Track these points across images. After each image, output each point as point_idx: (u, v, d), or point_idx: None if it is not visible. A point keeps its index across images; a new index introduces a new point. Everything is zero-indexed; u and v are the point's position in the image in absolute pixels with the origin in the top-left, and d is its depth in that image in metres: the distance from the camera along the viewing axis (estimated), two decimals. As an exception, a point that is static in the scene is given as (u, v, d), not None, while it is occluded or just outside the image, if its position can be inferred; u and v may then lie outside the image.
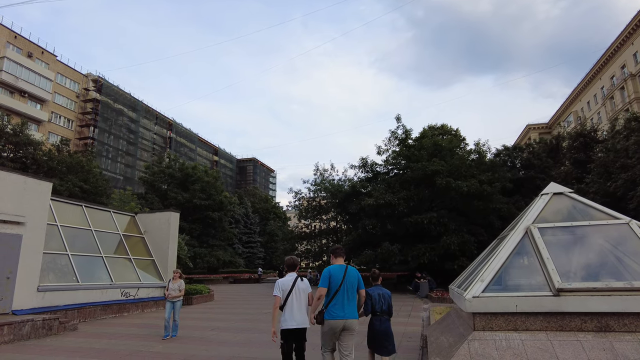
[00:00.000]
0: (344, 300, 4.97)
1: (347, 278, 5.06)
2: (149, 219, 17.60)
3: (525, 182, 28.17)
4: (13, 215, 10.44)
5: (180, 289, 9.63)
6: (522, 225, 5.84)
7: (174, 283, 9.62)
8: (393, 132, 28.06)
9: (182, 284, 9.76)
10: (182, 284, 9.75)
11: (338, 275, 5.06)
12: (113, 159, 55.52)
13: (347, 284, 5.04)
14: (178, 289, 9.55)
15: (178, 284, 9.64)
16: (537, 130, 59.36)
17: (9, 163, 26.17)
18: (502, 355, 4.52)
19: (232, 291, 27.91)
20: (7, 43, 43.40)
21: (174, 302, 9.36)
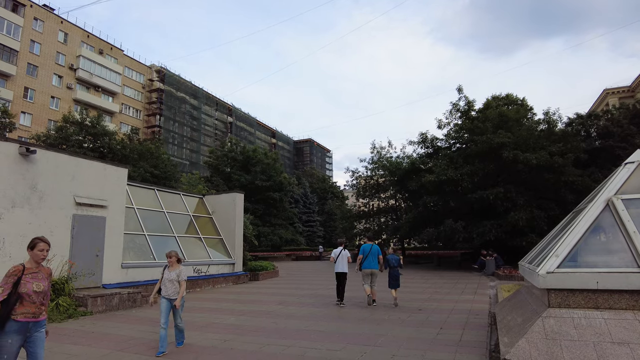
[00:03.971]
0: (370, 260, 10.48)
1: (372, 250, 10.57)
2: (215, 200, 18.51)
3: (602, 153, 25.89)
4: (98, 199, 11.45)
5: (181, 279, 6.33)
6: (603, 197, 5.41)
7: (171, 271, 6.42)
8: (454, 104, 26.86)
9: (182, 272, 6.41)
10: (182, 273, 6.40)
11: (367, 249, 10.63)
12: (179, 145, 58.62)
13: (372, 253, 10.55)
14: (177, 279, 6.33)
15: (176, 272, 6.38)
16: (617, 94, 53.92)
17: (89, 152, 28.57)
18: (581, 334, 4.29)
19: (295, 268, 28.83)
20: (81, 42, 46.83)
21: (173, 299, 6.24)
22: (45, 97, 42.20)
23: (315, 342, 6.58)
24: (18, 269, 3.70)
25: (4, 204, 9.27)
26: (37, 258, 3.80)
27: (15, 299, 3.58)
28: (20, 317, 3.59)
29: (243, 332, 7.41)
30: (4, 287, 3.58)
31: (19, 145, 9.80)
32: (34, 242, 3.84)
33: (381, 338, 6.74)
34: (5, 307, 3.53)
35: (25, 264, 3.79)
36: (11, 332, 3.53)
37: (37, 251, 3.79)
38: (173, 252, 6.61)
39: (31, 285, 3.68)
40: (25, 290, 3.63)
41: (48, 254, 4.09)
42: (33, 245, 3.82)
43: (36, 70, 41.54)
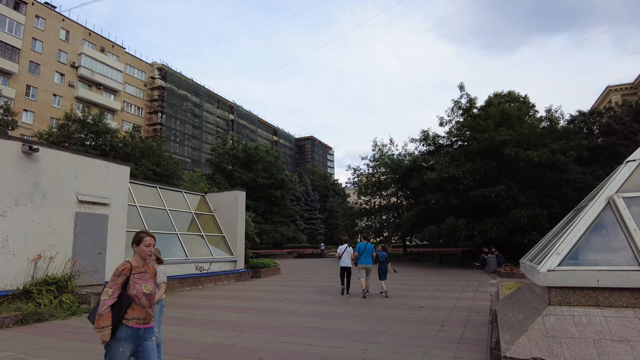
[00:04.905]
0: (365, 256, 11.81)
1: (366, 248, 11.93)
2: (217, 197, 18.56)
3: (605, 150, 25.85)
4: (100, 197, 11.50)
5: (159, 281, 5.04)
6: (604, 195, 5.40)
7: None
8: (456, 101, 26.83)
9: (161, 273, 5.23)
10: (161, 274, 5.23)
11: (362, 247, 11.98)
12: (180, 142, 58.71)
13: (367, 250, 11.90)
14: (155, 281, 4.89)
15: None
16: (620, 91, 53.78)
17: (91, 150, 28.66)
18: (581, 332, 4.30)
19: (296, 265, 28.87)
20: (83, 40, 46.89)
21: None
22: (47, 95, 42.29)
23: (317, 339, 6.62)
24: (127, 268, 3.25)
25: (8, 202, 9.32)
26: (143, 254, 3.37)
27: (127, 302, 3.19)
28: (132, 322, 3.20)
29: (245, 330, 7.45)
30: (114, 287, 3.17)
31: (22, 143, 9.84)
32: (140, 237, 3.39)
33: (382, 335, 6.77)
34: (116, 310, 3.15)
35: (132, 261, 3.33)
36: (122, 339, 3.15)
37: (143, 246, 3.36)
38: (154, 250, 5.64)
39: (140, 286, 3.26)
40: (135, 292, 3.22)
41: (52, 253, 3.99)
42: (139, 240, 3.37)
43: (38, 68, 41.62)
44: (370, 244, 12.13)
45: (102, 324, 3.05)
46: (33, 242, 9.67)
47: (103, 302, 3.10)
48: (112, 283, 3.18)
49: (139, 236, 3.39)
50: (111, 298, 3.12)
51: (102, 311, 3.07)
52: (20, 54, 39.72)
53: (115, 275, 3.20)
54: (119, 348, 3.14)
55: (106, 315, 3.07)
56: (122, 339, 3.14)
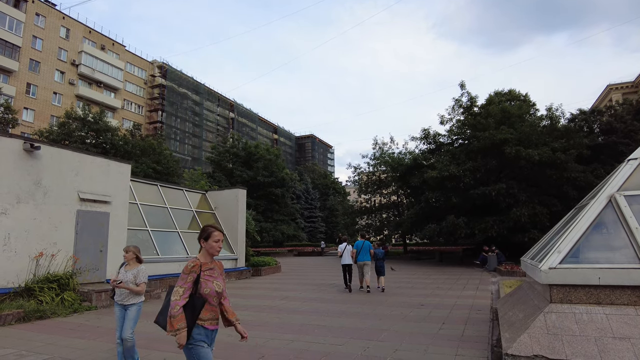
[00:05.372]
0: (363, 254, 12.37)
1: (364, 245, 12.50)
2: (218, 196, 18.57)
3: (605, 149, 25.85)
4: (101, 195, 11.51)
5: (139, 281, 4.92)
6: (605, 194, 5.41)
7: (127, 270, 5.01)
8: (457, 99, 26.82)
9: (140, 273, 4.97)
10: (140, 274, 4.97)
11: (360, 244, 12.56)
12: (181, 141, 58.69)
13: (364, 248, 12.44)
14: (134, 280, 4.91)
15: (134, 272, 4.97)
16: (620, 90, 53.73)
17: (92, 148, 28.67)
18: (583, 329, 4.32)
19: (297, 263, 28.91)
20: (83, 38, 46.82)
21: (127, 306, 4.92)
22: (47, 93, 42.26)
23: (319, 336, 6.64)
24: (197, 264, 3.02)
25: (9, 200, 9.34)
26: (213, 250, 3.15)
27: (201, 302, 2.96)
28: (208, 323, 3.00)
29: (247, 327, 7.39)
30: (185, 287, 2.92)
31: (24, 141, 9.85)
32: (209, 231, 3.17)
33: (384, 333, 6.79)
34: (190, 311, 2.91)
35: (200, 257, 3.12)
36: (200, 339, 2.96)
37: (212, 242, 3.13)
38: (131, 247, 5.23)
39: (212, 284, 3.05)
40: (208, 290, 3.00)
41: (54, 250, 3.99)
42: (207, 235, 3.15)
43: (38, 66, 41.58)
44: (368, 242, 12.83)
45: (177, 325, 2.83)
46: (35, 240, 9.69)
47: (175, 303, 2.87)
48: (182, 282, 2.94)
49: (208, 231, 3.17)
50: (182, 298, 2.89)
51: (174, 312, 2.84)
52: (21, 52, 39.68)
53: (185, 273, 2.97)
54: (202, 346, 2.95)
55: (179, 316, 2.84)
56: (199, 340, 2.94)
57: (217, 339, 6.50)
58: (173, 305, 2.86)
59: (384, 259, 13.15)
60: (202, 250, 3.16)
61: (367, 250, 12.44)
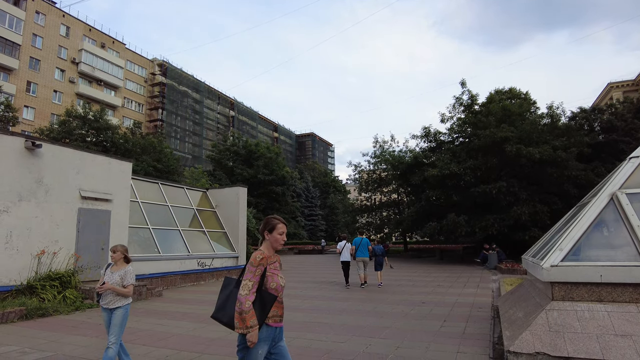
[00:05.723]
0: (362, 250, 12.83)
1: (362, 242, 12.96)
2: (219, 194, 18.59)
3: (606, 147, 25.85)
4: (103, 193, 11.53)
5: (126, 283, 4.56)
6: (607, 192, 5.43)
7: (114, 271, 4.66)
8: (458, 98, 26.83)
9: (128, 274, 4.63)
10: (128, 275, 4.62)
11: (358, 241, 13.03)
12: (181, 139, 58.67)
13: (363, 244, 12.90)
14: (121, 282, 4.55)
15: (121, 272, 4.61)
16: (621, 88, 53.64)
17: (92, 146, 28.65)
18: (584, 326, 4.34)
19: (297, 261, 28.94)
20: (83, 36, 46.76)
21: (113, 310, 4.53)
22: (47, 91, 42.23)
23: (320, 334, 6.66)
24: (265, 257, 2.86)
25: (11, 198, 9.35)
26: (277, 244, 2.98)
27: (271, 298, 2.81)
28: (272, 320, 2.85)
29: (248, 325, 7.48)
30: (253, 280, 2.76)
31: (25, 139, 9.86)
32: (273, 223, 2.99)
33: (385, 330, 6.81)
34: (260, 307, 2.75)
35: (264, 250, 2.95)
36: (263, 340, 2.80)
37: (277, 234, 2.97)
38: (119, 247, 4.83)
39: (277, 278, 2.90)
40: (275, 285, 2.85)
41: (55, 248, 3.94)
42: (272, 227, 2.98)
43: (38, 64, 41.54)
44: (366, 239, 13.42)
45: (250, 322, 2.68)
46: (36, 238, 9.70)
47: (245, 298, 2.70)
48: (251, 275, 2.77)
49: (272, 222, 2.99)
50: (252, 293, 2.72)
51: (246, 308, 2.67)
52: (21, 50, 39.63)
53: (253, 265, 2.80)
54: (259, 350, 2.77)
55: (251, 312, 2.69)
56: (262, 340, 2.79)
57: (220, 336, 6.56)
58: (243, 301, 2.69)
59: (383, 255, 13.82)
60: (266, 243, 2.99)
61: (365, 246, 13.01)
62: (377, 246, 13.92)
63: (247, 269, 2.81)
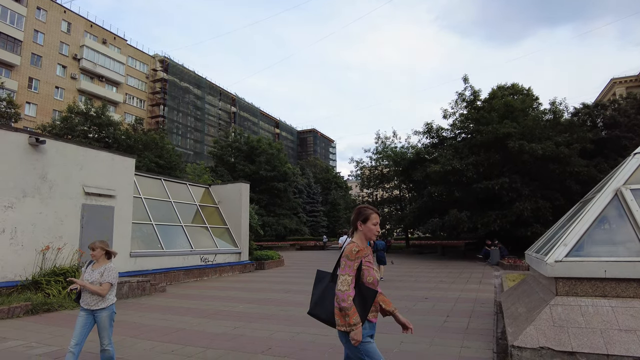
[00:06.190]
0: None
1: None
2: (221, 190, 18.63)
3: (609, 143, 25.76)
4: (106, 189, 11.56)
5: (104, 279, 4.15)
6: (611, 187, 5.43)
7: (95, 269, 4.26)
8: (460, 93, 26.76)
9: (108, 271, 4.22)
10: (107, 272, 4.21)
11: None
12: (183, 135, 58.71)
13: None
14: (100, 281, 4.15)
15: (100, 270, 4.22)
16: (624, 84, 53.37)
17: (94, 143, 28.68)
18: (588, 322, 4.35)
19: (299, 257, 29.02)
20: (84, 32, 46.73)
21: (96, 312, 4.18)
22: (49, 88, 42.27)
23: (325, 329, 6.66)
24: (362, 250, 2.69)
25: (15, 194, 9.39)
26: (371, 234, 2.80)
27: (371, 293, 2.65)
28: (372, 316, 2.73)
29: (252, 320, 7.54)
30: (352, 274, 2.61)
31: (29, 135, 9.88)
32: (367, 213, 2.81)
33: (389, 326, 6.80)
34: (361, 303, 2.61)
35: (357, 242, 2.76)
36: (367, 335, 2.68)
37: (371, 225, 2.79)
38: (97, 243, 4.37)
39: (373, 271, 2.74)
40: (371, 279, 2.69)
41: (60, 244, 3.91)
42: (366, 217, 2.80)
43: (40, 60, 41.55)
44: None
45: (354, 320, 2.52)
46: (41, 234, 9.75)
47: (346, 294, 2.54)
48: (349, 269, 2.60)
49: (366, 212, 2.81)
50: (351, 288, 2.57)
51: (347, 305, 2.52)
52: (22, 46, 39.64)
53: (350, 259, 2.62)
54: (370, 341, 2.65)
55: (353, 309, 2.53)
56: (365, 335, 2.64)
57: (224, 331, 6.60)
58: (344, 297, 2.53)
59: (385, 251, 14.36)
60: (358, 234, 2.81)
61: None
62: (379, 241, 14.32)
63: (343, 263, 2.64)
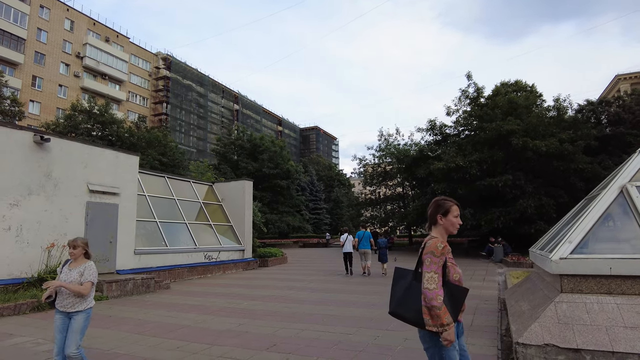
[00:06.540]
0: (364, 242, 14.11)
1: (365, 235, 14.20)
2: (225, 187, 18.66)
3: (613, 140, 25.63)
4: (110, 186, 11.61)
5: (84, 279, 3.92)
6: (616, 184, 5.41)
7: (72, 268, 4.01)
8: (464, 90, 26.64)
9: (87, 270, 3.98)
10: (87, 272, 3.97)
11: (361, 234, 14.28)
12: (186, 133, 58.80)
13: (365, 237, 14.14)
14: (79, 280, 3.92)
15: (80, 269, 3.98)
16: (629, 80, 53.07)
17: (98, 140, 28.82)
18: (594, 319, 4.35)
19: (302, 254, 29.07)
20: (87, 30, 46.80)
21: (72, 314, 3.91)
22: (53, 86, 42.39)
23: (328, 325, 6.71)
24: (447, 246, 2.56)
25: (21, 191, 9.44)
26: (453, 228, 2.67)
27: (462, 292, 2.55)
28: (460, 316, 2.63)
29: (257, 317, 7.56)
30: (439, 272, 2.49)
31: (34, 133, 9.93)
32: (447, 206, 2.68)
33: (393, 322, 6.83)
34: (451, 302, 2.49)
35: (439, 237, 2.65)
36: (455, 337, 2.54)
37: (452, 217, 2.66)
38: (79, 241, 4.11)
39: (458, 268, 2.62)
40: (457, 276, 2.57)
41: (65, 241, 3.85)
42: (446, 210, 2.67)
43: (43, 58, 41.66)
44: (368, 232, 14.71)
45: (446, 320, 2.39)
46: (46, 231, 9.81)
47: (435, 293, 2.42)
48: (435, 266, 2.48)
49: (446, 205, 2.67)
50: (439, 287, 2.44)
51: (438, 304, 2.39)
52: (26, 45, 39.74)
53: (436, 255, 2.50)
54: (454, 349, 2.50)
55: (444, 308, 2.41)
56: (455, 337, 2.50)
57: (229, 328, 6.62)
58: (433, 295, 2.41)
59: (387, 248, 14.83)
60: (438, 229, 2.68)
61: (367, 239, 14.30)
62: (381, 239, 15.05)
63: (428, 260, 2.51)
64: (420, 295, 2.50)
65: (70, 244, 4.10)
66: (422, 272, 2.52)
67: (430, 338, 2.51)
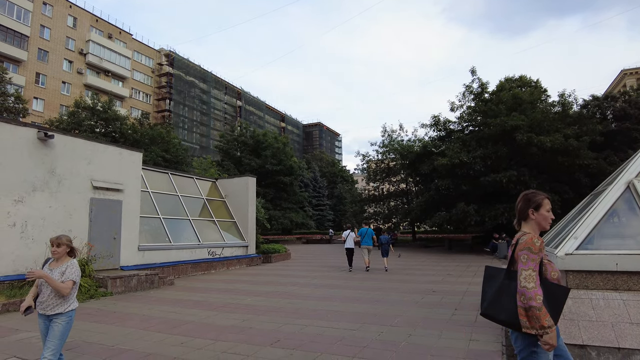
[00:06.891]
0: (366, 239, 14.63)
1: (367, 232, 14.69)
2: (228, 183, 18.67)
3: (619, 135, 25.48)
4: (114, 183, 11.63)
5: (65, 278, 3.66)
6: (623, 180, 5.36)
7: (53, 267, 3.74)
8: (468, 86, 26.53)
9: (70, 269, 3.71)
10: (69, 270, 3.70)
11: (363, 231, 14.79)
12: (189, 129, 58.81)
13: (367, 234, 14.66)
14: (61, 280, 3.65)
15: (62, 268, 3.71)
16: (635, 75, 52.61)
17: (101, 137, 28.84)
18: (599, 315, 4.32)
19: (305, 250, 29.11)
20: (90, 27, 46.79)
21: (52, 317, 3.68)
22: (56, 83, 42.47)
23: (332, 321, 6.71)
24: (543, 242, 2.38)
25: (25, 188, 9.47)
26: (545, 223, 2.53)
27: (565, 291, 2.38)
28: None
29: (260, 312, 7.57)
30: (536, 270, 2.31)
31: (38, 130, 9.95)
32: (539, 200, 2.54)
33: (397, 318, 6.84)
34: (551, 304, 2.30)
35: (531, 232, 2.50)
36: None
37: (544, 212, 2.52)
38: (64, 239, 3.83)
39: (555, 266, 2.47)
40: (556, 275, 2.41)
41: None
42: (538, 204, 2.53)
43: (47, 55, 41.72)
44: (371, 229, 15.07)
45: (547, 322, 2.21)
46: (51, 227, 9.83)
47: (534, 292, 2.24)
48: (533, 263, 2.30)
49: (538, 199, 2.54)
50: (538, 286, 2.27)
51: (537, 304, 2.21)
52: (29, 41, 39.79)
53: (534, 252, 2.32)
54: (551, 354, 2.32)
55: (544, 309, 2.22)
56: None
57: (233, 324, 6.63)
58: (532, 295, 2.23)
59: (388, 244, 15.17)
60: (530, 224, 2.54)
61: (369, 236, 14.72)
62: (383, 236, 15.31)
63: (524, 257, 2.34)
64: (513, 295, 2.36)
65: (53, 242, 3.78)
66: (518, 270, 2.35)
67: (525, 341, 2.36)
